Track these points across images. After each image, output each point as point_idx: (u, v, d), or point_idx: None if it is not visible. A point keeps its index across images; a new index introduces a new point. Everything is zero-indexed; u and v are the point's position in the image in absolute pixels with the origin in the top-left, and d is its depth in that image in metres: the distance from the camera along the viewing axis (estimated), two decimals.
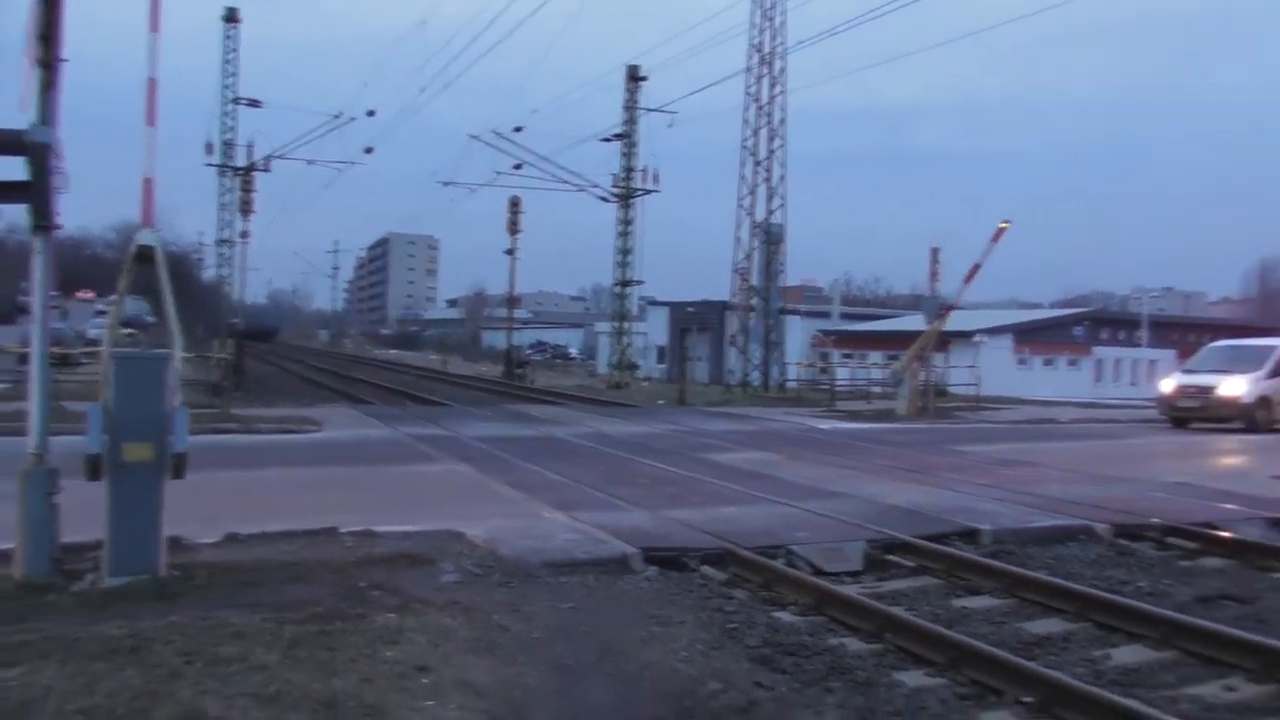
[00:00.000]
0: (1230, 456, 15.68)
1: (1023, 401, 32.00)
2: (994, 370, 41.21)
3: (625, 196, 37.46)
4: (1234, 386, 20.44)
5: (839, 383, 31.30)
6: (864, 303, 67.06)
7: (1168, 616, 5.71)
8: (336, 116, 36.43)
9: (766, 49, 33.70)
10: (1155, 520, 8.94)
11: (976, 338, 40.79)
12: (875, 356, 38.31)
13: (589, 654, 5.14)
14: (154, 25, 6.75)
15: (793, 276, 46.47)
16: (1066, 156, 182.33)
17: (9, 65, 6.21)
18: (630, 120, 37.35)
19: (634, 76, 37.30)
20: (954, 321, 38.86)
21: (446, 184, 39.32)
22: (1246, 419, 20.20)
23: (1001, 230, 21.85)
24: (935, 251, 23.38)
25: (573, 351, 77.26)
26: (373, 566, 6.54)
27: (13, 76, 5.96)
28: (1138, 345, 55.50)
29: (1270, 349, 21.62)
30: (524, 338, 69.50)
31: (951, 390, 30.06)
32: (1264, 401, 20.35)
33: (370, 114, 38.18)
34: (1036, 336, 51.43)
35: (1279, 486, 11.84)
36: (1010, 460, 13.80)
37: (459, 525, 7.76)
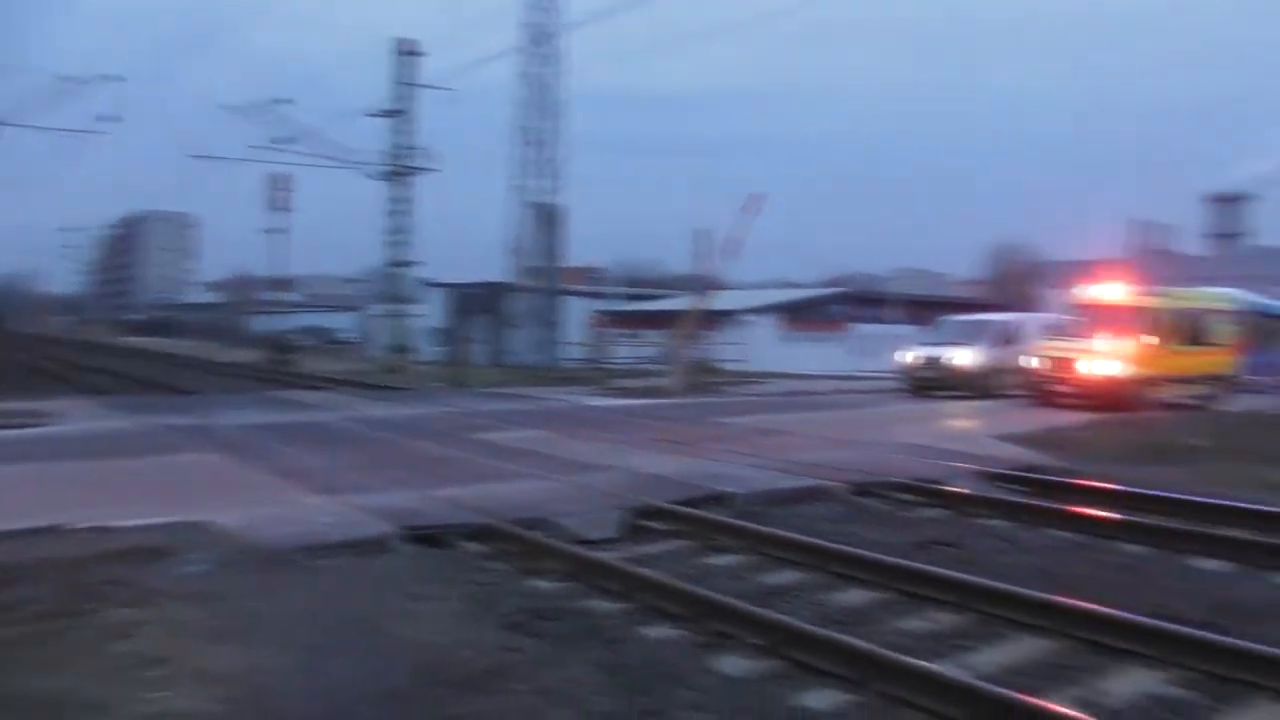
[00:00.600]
0: (960, 420, 17.26)
1: (786, 376, 33.82)
2: (761, 347, 43.33)
3: (398, 174, 36.52)
4: (965, 357, 22.48)
5: (616, 362, 32.00)
6: (644, 284, 68.53)
7: (886, 561, 6.31)
8: (69, 79, 33.38)
9: (542, 28, 33.71)
10: (888, 478, 9.78)
11: (744, 316, 42.74)
12: (652, 336, 39.42)
13: (340, 634, 5.09)
14: None
15: (573, 258, 46.94)
16: (833, 144, 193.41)
17: None
18: (404, 96, 36.41)
19: (407, 51, 36.36)
20: (724, 301, 40.42)
21: (199, 158, 36.90)
22: (976, 386, 22.27)
23: (754, 201, 22.91)
24: (702, 233, 24.29)
25: (346, 335, 74.53)
26: (108, 562, 6.15)
27: None
28: (888, 322, 59.89)
29: (996, 323, 23.96)
30: (294, 322, 66.38)
31: (720, 366, 31.36)
32: (991, 370, 22.51)
33: (113, 79, 35.25)
34: (800, 315, 54.38)
35: (997, 445, 13.20)
36: (768, 430, 14.62)
37: (208, 515, 7.42)
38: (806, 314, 55.41)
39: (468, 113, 36.57)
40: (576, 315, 42.71)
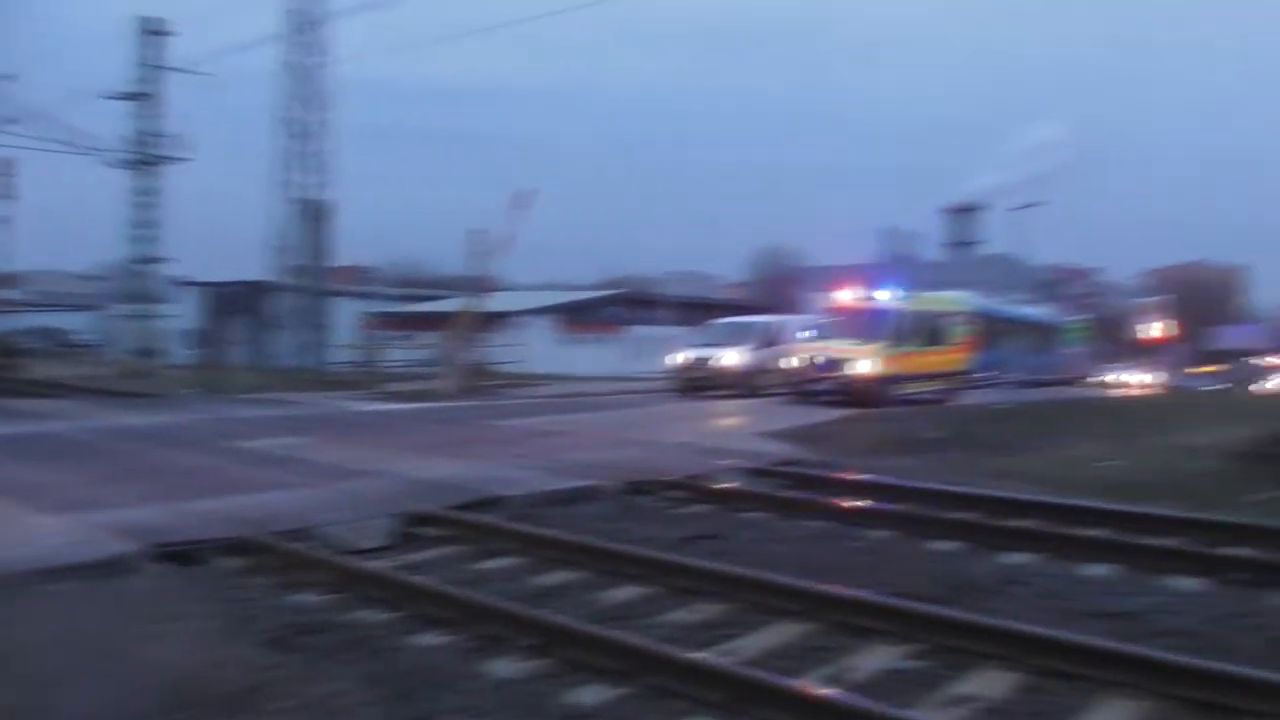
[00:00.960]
0: (726, 418, 18.01)
1: (563, 378, 34.08)
2: (539, 349, 43.44)
3: (144, 163, 33.85)
4: (731, 357, 23.50)
5: (389, 364, 31.09)
6: (418, 284, 67.00)
7: (654, 557, 6.50)
8: None
9: (305, 14, 32.23)
10: (659, 477, 10.06)
11: (521, 318, 42.70)
12: (427, 338, 38.60)
13: (76, 664, 4.66)
14: None
15: (342, 256, 45.16)
16: (611, 147, 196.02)
17: None
18: (150, 79, 33.79)
19: (153, 30, 33.77)
20: (500, 302, 40.13)
21: None
22: (742, 385, 23.32)
23: (523, 197, 22.97)
24: (477, 232, 24.04)
25: (82, 338, 68.22)
26: None
27: None
28: (663, 323, 61.57)
29: (761, 325, 25.18)
30: (19, 323, 60.08)
31: (497, 369, 31.17)
32: (755, 370, 23.62)
33: None
34: (577, 317, 54.96)
35: (760, 442, 13.87)
36: (543, 431, 14.68)
37: None
38: (583, 316, 56.04)
39: (227, 100, 34.50)
40: (346, 317, 41.18)
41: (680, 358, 24.80)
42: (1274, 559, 6.86)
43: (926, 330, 21.95)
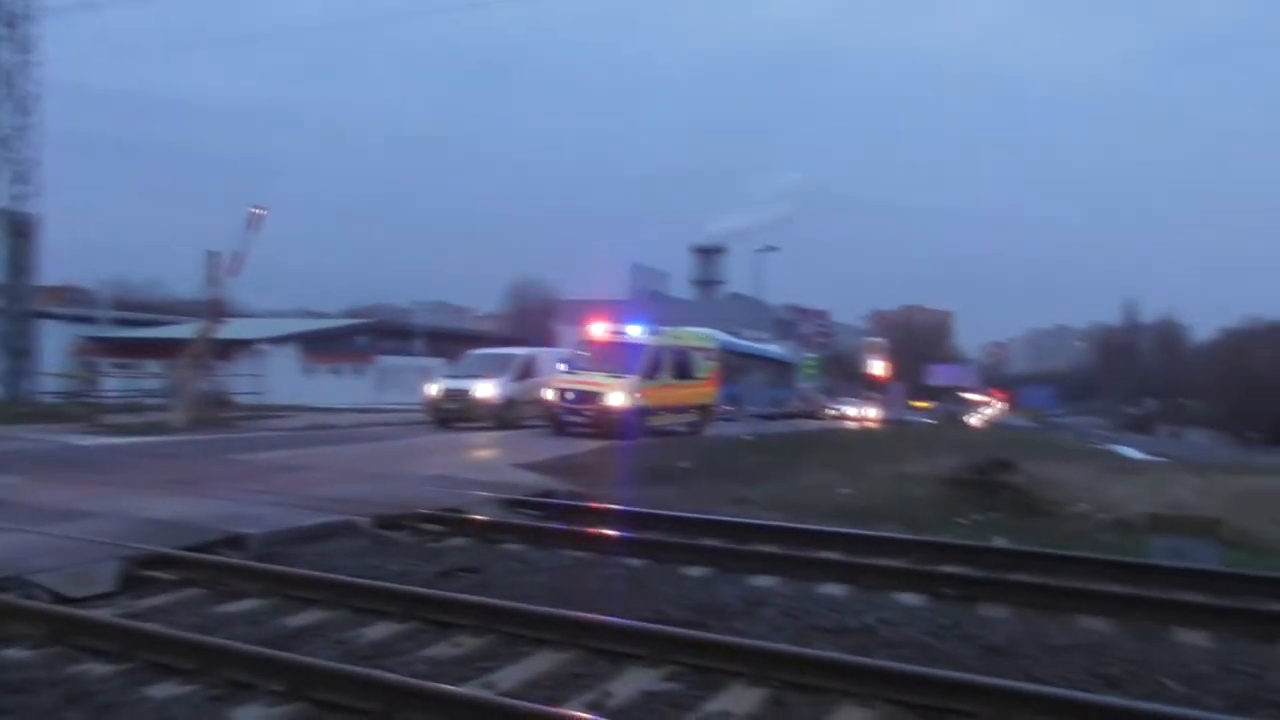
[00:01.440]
0: (483, 450, 17.87)
1: (309, 409, 32.53)
2: (281, 378, 41.28)
3: None
4: (486, 389, 23.36)
5: (109, 394, 28.47)
6: (144, 308, 61.92)
7: (410, 592, 6.34)
8: None
9: (9, 9, 29.20)
10: (414, 510, 9.83)
11: (261, 346, 40.43)
12: (153, 366, 35.70)
13: None
14: None
15: (52, 275, 41.04)
16: (360, 173, 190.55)
17: None
18: None
19: None
20: (239, 330, 37.88)
21: None
22: (497, 417, 23.22)
23: (256, 217, 21.95)
24: (214, 255, 22.57)
25: None
26: None
27: None
28: (414, 354, 60.26)
29: (516, 357, 25.20)
30: None
31: (235, 399, 29.30)
32: (511, 402, 23.61)
33: None
34: (323, 346, 52.77)
35: (517, 473, 13.88)
36: (288, 466, 13.95)
37: None
38: (329, 345, 53.91)
39: None
40: (56, 342, 37.38)
41: (434, 389, 24.38)
42: (981, 575, 7.65)
43: (675, 364, 22.82)
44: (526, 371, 24.35)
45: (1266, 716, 4.74)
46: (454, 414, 23.39)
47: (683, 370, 23.34)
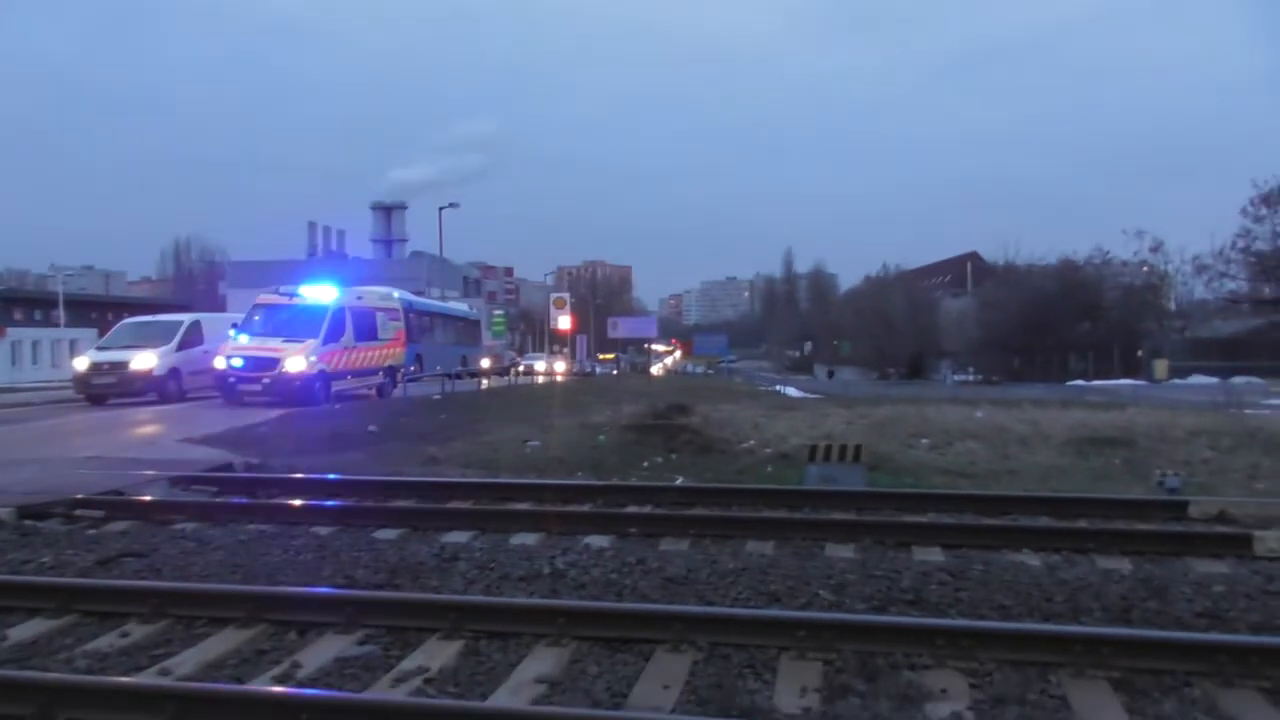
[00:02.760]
0: (145, 426, 16.39)
1: None
2: None
3: None
4: (145, 360, 21.39)
5: None
6: None
7: (64, 584, 5.76)
8: None
9: None
10: (66, 496, 8.87)
11: None
12: None
13: None
14: None
15: None
16: None
17: None
18: None
19: None
20: None
21: None
22: (159, 390, 21.37)
23: None
24: None
25: None
26: None
27: None
28: (56, 324, 53.82)
29: (179, 324, 23.22)
30: None
31: None
32: (174, 373, 21.78)
33: None
34: None
35: (187, 449, 12.90)
36: None
37: None
38: None
39: None
40: None
41: (84, 362, 22.00)
42: (661, 514, 8.15)
43: (357, 325, 22.09)
44: (192, 339, 22.56)
45: (897, 612, 5.47)
46: (108, 389, 21.29)
47: (365, 331, 22.66)
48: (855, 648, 4.66)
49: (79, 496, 8.85)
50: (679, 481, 10.28)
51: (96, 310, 58.85)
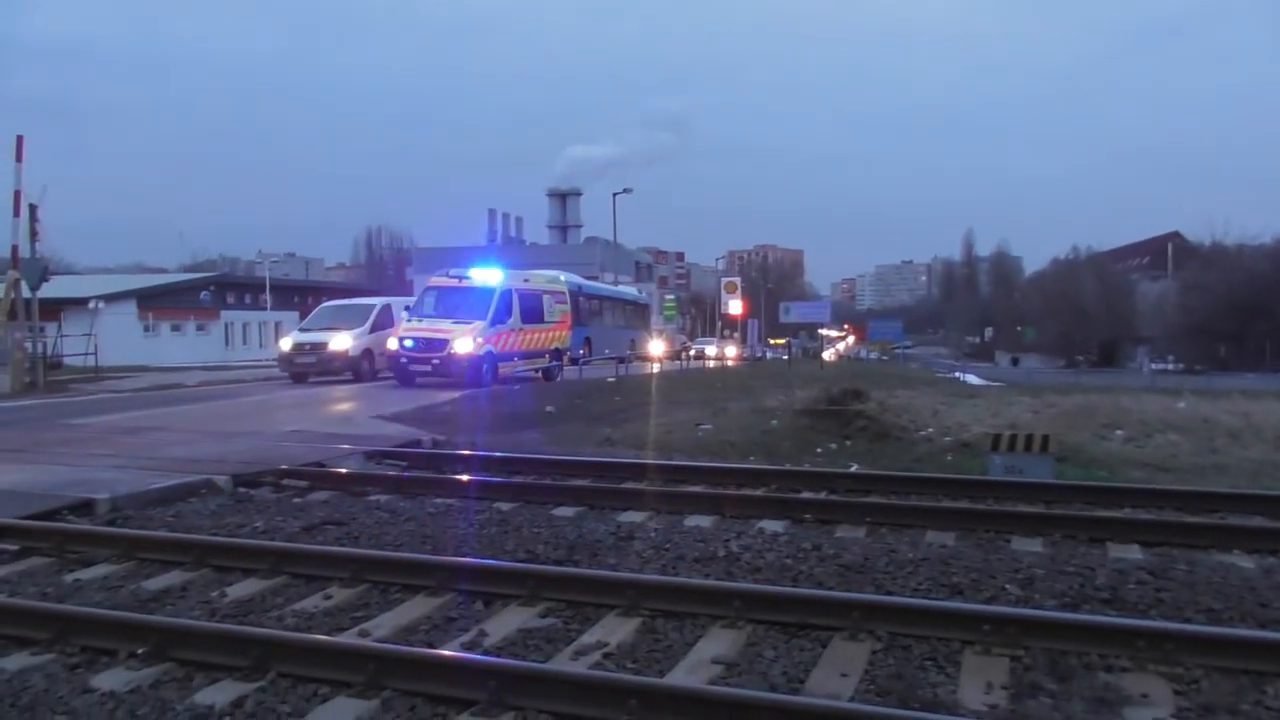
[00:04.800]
0: (341, 403, 17.46)
1: (149, 369, 30.99)
2: (118, 338, 39.10)
3: None
4: (341, 341, 22.73)
5: None
6: None
7: (276, 547, 6.21)
8: None
9: None
10: (274, 466, 9.57)
11: (93, 304, 38.06)
12: None
13: None
14: None
15: None
16: (189, 120, 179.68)
17: None
18: None
19: None
20: (66, 287, 35.53)
21: None
22: (354, 369, 22.68)
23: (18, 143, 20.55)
24: (34, 209, 21.00)
25: None
26: None
27: None
28: (263, 308, 57.91)
29: (371, 307, 24.55)
30: None
31: (67, 361, 27.62)
32: (367, 354, 23.06)
33: None
34: (162, 302, 50.14)
35: (379, 425, 13.65)
36: (132, 428, 13.31)
37: None
38: (170, 301, 51.29)
39: None
40: None
41: (288, 343, 23.59)
42: (836, 500, 8.03)
43: (525, 308, 22.58)
44: (382, 322, 23.81)
45: (1091, 610, 5.19)
46: (309, 367, 22.74)
47: (532, 314, 23.15)
48: (1046, 645, 4.45)
49: (285, 467, 9.53)
50: (853, 468, 10.09)
51: (298, 294, 62.82)
